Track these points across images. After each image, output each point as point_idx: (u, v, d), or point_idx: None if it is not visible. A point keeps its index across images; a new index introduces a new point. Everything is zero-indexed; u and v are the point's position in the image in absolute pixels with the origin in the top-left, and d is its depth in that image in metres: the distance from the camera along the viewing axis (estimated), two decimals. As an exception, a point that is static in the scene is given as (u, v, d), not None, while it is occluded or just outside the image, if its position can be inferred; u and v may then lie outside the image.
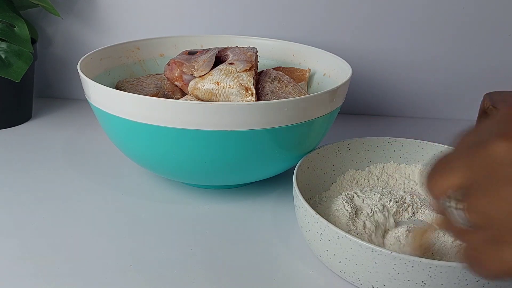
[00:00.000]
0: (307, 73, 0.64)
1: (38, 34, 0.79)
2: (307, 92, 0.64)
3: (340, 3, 0.76)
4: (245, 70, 0.52)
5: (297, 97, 0.48)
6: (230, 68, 0.52)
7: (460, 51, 0.79)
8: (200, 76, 0.52)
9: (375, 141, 0.57)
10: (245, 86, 0.51)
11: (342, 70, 0.59)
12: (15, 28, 0.66)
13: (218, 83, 0.51)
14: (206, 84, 0.52)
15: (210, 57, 0.54)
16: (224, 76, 0.51)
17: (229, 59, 0.55)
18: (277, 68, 0.66)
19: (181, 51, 0.59)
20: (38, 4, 0.69)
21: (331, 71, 0.63)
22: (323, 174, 0.55)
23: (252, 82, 0.51)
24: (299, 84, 0.62)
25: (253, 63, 0.54)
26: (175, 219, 0.52)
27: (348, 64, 0.58)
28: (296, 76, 0.64)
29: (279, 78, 0.56)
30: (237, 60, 0.54)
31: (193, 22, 0.78)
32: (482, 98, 0.65)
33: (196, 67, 0.53)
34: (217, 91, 0.51)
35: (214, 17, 0.78)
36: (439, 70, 0.80)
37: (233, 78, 0.51)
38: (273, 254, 0.47)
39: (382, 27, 0.77)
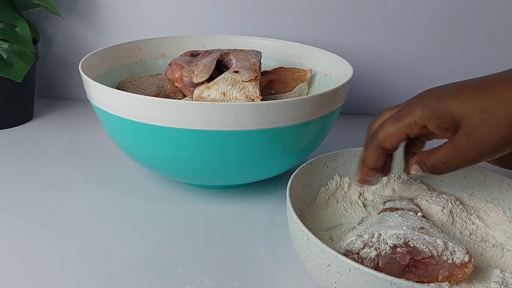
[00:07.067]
0: (309, 74, 0.64)
1: (40, 34, 0.79)
2: (308, 92, 0.64)
3: (342, 3, 0.76)
4: (250, 80, 0.52)
5: (298, 97, 0.48)
6: (235, 77, 0.52)
7: (462, 51, 0.79)
8: (206, 86, 0.52)
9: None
10: (251, 98, 0.51)
11: (343, 70, 0.59)
12: (16, 28, 0.66)
13: (224, 94, 0.51)
14: (212, 94, 0.52)
15: (211, 62, 0.54)
16: (230, 87, 0.52)
17: (233, 66, 0.55)
18: (279, 68, 0.66)
19: (182, 51, 0.59)
20: (39, 4, 0.69)
21: (332, 71, 0.63)
22: (311, 190, 0.51)
23: (258, 93, 0.52)
24: (301, 84, 0.62)
25: (258, 71, 0.54)
26: (175, 219, 0.52)
27: (349, 64, 0.58)
28: (297, 77, 0.64)
29: None
30: (242, 67, 0.54)
31: (194, 22, 0.78)
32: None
33: (195, 72, 0.53)
34: (223, 102, 0.51)
35: (215, 17, 0.78)
36: (440, 70, 0.80)
37: (239, 90, 0.52)
38: (274, 253, 0.47)
39: (384, 28, 0.77)
